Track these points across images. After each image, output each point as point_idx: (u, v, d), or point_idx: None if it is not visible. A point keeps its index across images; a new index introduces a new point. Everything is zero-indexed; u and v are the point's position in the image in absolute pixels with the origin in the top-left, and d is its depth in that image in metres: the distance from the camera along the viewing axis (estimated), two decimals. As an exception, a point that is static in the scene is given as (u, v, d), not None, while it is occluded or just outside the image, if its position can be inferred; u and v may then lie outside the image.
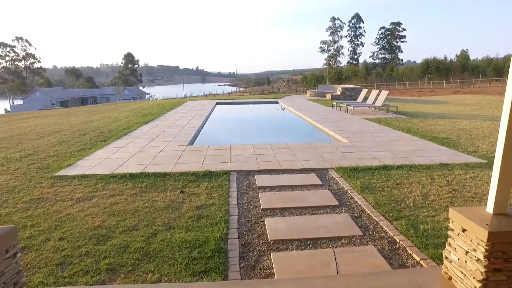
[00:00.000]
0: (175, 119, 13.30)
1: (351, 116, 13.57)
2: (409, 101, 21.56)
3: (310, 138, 10.37)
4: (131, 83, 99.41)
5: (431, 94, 36.45)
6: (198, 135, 10.23)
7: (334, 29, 78.13)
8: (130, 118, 13.74)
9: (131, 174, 6.01)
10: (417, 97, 30.70)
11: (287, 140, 9.23)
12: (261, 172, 6.18)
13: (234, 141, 9.80)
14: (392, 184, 5.37)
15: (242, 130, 12.45)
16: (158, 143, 8.63)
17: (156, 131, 10.43)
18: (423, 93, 38.63)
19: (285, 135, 11.41)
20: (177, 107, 18.13)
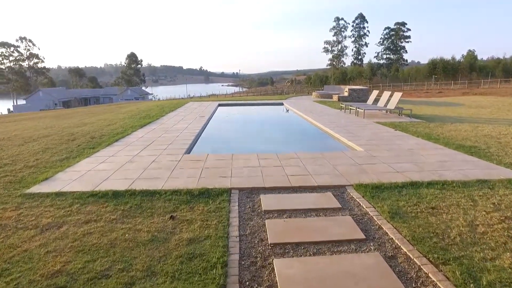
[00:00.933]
0: (174, 122, 12.37)
1: (361, 119, 12.59)
2: (418, 103, 20.50)
3: (320, 146, 9.41)
4: (134, 83, 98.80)
5: (439, 95, 35.36)
6: (197, 141, 9.29)
7: (338, 29, 77.01)
8: (126, 121, 12.84)
9: (114, 192, 5.08)
10: (425, 98, 29.64)
11: (295, 148, 8.28)
12: (268, 190, 5.23)
13: (236, 148, 8.89)
14: (426, 208, 4.40)
15: (245, 135, 11.46)
16: (152, 151, 7.71)
17: (151, 137, 9.51)
18: (431, 94, 37.52)
19: (292, 142, 10.36)
20: (177, 109, 17.21)
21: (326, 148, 8.80)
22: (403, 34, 77.20)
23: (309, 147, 9.39)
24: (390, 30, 77.58)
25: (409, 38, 77.56)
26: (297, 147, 9.15)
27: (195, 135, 9.62)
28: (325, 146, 9.18)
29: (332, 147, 8.78)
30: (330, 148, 8.68)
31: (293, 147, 9.14)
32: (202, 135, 10.35)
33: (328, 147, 8.95)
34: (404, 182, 5.38)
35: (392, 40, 77.64)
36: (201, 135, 10.23)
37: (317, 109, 15.99)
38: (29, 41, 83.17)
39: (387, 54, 78.53)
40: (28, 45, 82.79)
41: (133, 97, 73.46)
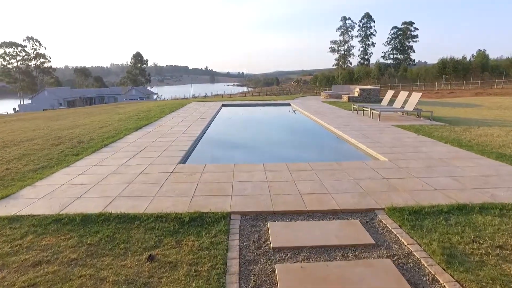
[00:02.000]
0: (172, 124, 11.31)
1: (377, 122, 11.42)
2: (432, 104, 19.22)
3: (335, 154, 8.27)
4: (139, 83, 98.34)
5: (451, 95, 33.91)
6: (195, 147, 8.19)
7: (345, 29, 75.59)
8: (121, 123, 11.80)
9: (84, 216, 4.00)
10: (436, 99, 28.29)
11: (307, 156, 7.20)
12: (277, 215, 4.12)
13: (239, 157, 7.79)
14: (492, 248, 3.26)
15: (250, 141, 10.23)
16: (142, 160, 6.63)
17: (144, 141, 8.45)
18: (442, 94, 36.08)
19: (303, 148, 9.11)
20: (178, 110, 16.16)
21: (342, 157, 7.68)
22: (410, 33, 75.58)
23: (323, 155, 8.24)
24: (398, 29, 75.99)
25: (416, 38, 75.91)
26: (309, 155, 8.04)
27: (193, 140, 8.53)
28: (341, 154, 8.04)
29: (350, 155, 7.65)
30: (347, 157, 7.56)
31: (305, 154, 8.04)
32: (202, 140, 9.25)
33: (345, 155, 7.82)
34: (449, 205, 4.23)
35: (400, 40, 76.05)
36: (201, 140, 9.13)
37: (327, 111, 14.82)
38: (36, 41, 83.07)
39: (394, 54, 76.94)
40: (35, 44, 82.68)
41: (138, 97, 72.78)
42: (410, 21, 75.76)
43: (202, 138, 9.43)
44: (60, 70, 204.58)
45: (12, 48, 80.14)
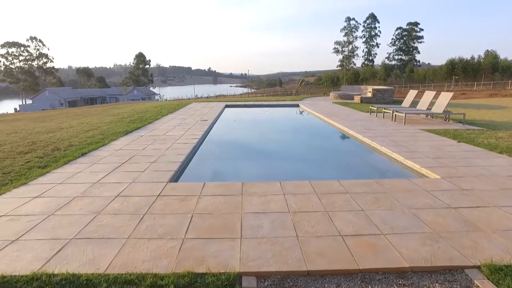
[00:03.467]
0: (168, 127, 9.79)
1: (403, 126, 9.87)
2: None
3: (367, 167, 6.65)
4: (142, 83, 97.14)
5: (463, 97, 32.26)
6: (192, 157, 6.64)
7: (349, 29, 74.01)
8: (112, 125, 10.30)
9: (8, 280, 2.49)
10: (450, 100, 26.56)
11: (333, 171, 5.69)
12: (314, 277, 2.59)
13: (248, 171, 6.25)
14: None
15: (259, 149, 8.50)
16: (123, 176, 5.12)
17: (132, 149, 6.93)
18: (454, 96, 34.36)
19: (325, 159, 7.37)
20: (177, 111, 14.66)
21: (378, 172, 6.12)
22: (415, 34, 73.94)
23: (353, 169, 6.57)
24: (403, 30, 74.37)
25: (421, 39, 74.32)
26: (335, 168, 6.48)
27: (191, 148, 6.99)
28: (375, 168, 6.44)
29: (387, 169, 6.09)
30: (383, 171, 6.01)
31: (329, 168, 6.49)
32: (201, 147, 7.69)
33: (380, 169, 6.25)
34: None
35: (405, 41, 74.42)
36: (200, 148, 7.59)
37: (341, 112, 13.27)
38: (39, 41, 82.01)
39: (399, 55, 75.33)
40: (38, 45, 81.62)
41: (140, 97, 71.49)
42: (415, 21, 74.18)
43: (201, 145, 7.88)
44: (63, 71, 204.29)
45: (15, 48, 79.05)
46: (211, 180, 5.19)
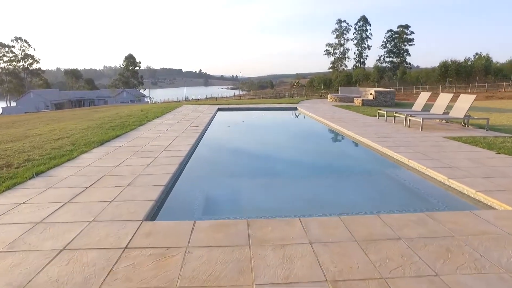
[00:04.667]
0: (153, 135, 8.35)
1: (420, 132, 8.65)
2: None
3: (400, 187, 5.25)
4: (132, 85, 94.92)
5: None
6: (178, 178, 5.19)
7: (341, 31, 73.45)
8: (88, 132, 8.81)
9: None
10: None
11: (361, 195, 4.35)
12: None
13: (251, 196, 4.83)
14: None
15: (262, 163, 6.86)
16: (81, 210, 3.68)
17: (104, 166, 5.49)
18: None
19: (345, 176, 5.90)
20: (164, 115, 13.20)
21: (419, 197, 4.74)
22: (406, 37, 73.81)
23: (385, 192, 5.07)
24: (393, 32, 74.20)
25: (412, 41, 74.18)
26: (362, 191, 5.09)
27: (178, 163, 5.58)
28: (413, 190, 5.00)
29: (429, 193, 4.73)
30: (427, 197, 4.66)
31: (355, 191, 5.10)
32: (191, 162, 6.22)
33: (421, 192, 4.86)
34: None
35: (395, 43, 74.21)
36: (189, 163, 6.14)
37: (346, 117, 12.01)
38: (24, 42, 79.22)
39: (390, 57, 75.09)
40: (23, 45, 78.87)
41: (129, 100, 69.45)
42: (406, 24, 74.02)
43: (191, 158, 6.45)
44: (51, 72, 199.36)
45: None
46: (203, 213, 3.84)
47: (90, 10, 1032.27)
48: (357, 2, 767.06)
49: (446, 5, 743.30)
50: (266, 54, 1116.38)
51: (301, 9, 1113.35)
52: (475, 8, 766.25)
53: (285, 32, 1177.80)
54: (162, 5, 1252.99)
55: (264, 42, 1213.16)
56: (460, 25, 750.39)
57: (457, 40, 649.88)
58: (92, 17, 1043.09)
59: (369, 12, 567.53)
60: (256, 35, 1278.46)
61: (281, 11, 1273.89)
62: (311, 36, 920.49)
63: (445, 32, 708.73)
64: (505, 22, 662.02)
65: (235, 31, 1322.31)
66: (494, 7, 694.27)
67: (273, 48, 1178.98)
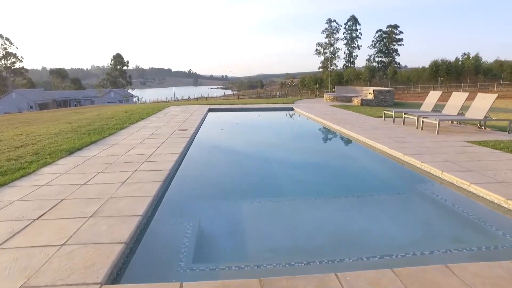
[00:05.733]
0: (134, 141, 7.14)
1: (435, 135, 7.69)
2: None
3: (448, 213, 4.07)
4: (120, 85, 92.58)
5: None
6: (160, 203, 3.99)
7: (331, 31, 72.87)
8: (58, 138, 7.53)
9: None
10: (440, 102, 25.21)
11: (407, 230, 3.27)
12: None
13: (259, 232, 3.60)
14: None
15: (268, 181, 5.38)
16: (15, 261, 2.49)
17: (66, 184, 4.28)
18: (442, 97, 33.15)
19: (370, 196, 4.65)
20: (150, 116, 11.94)
21: (484, 230, 3.65)
22: (395, 37, 73.75)
23: (434, 222, 3.84)
24: (383, 32, 74.04)
25: (401, 41, 74.19)
26: (408, 221, 3.93)
27: (160, 181, 4.40)
28: (470, 219, 3.89)
29: (490, 222, 3.68)
30: (491, 228, 3.60)
31: (398, 221, 3.94)
32: (177, 178, 4.98)
33: (480, 220, 3.77)
34: None
35: (385, 43, 74.08)
36: (175, 179, 4.95)
37: (349, 118, 10.99)
38: (6, 39, 76.17)
39: (380, 57, 74.94)
40: (4, 43, 75.86)
41: (117, 100, 67.43)
42: (395, 24, 73.97)
43: (178, 173, 5.25)
44: (37, 72, 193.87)
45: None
46: (193, 264, 2.68)
47: (78, 8, 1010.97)
48: (347, 2, 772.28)
49: (431, 5, 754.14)
50: (256, 53, 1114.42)
51: (291, 8, 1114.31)
52: (461, 9, 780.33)
53: (275, 32, 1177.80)
54: (151, 4, 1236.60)
55: (254, 42, 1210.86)
56: (446, 26, 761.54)
57: (443, 41, 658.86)
58: (79, 15, 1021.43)
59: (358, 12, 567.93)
60: (246, 35, 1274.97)
61: (271, 11, 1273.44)
62: (301, 35, 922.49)
63: (430, 32, 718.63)
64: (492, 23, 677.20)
65: (225, 31, 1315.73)
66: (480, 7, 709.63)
67: (262, 48, 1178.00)
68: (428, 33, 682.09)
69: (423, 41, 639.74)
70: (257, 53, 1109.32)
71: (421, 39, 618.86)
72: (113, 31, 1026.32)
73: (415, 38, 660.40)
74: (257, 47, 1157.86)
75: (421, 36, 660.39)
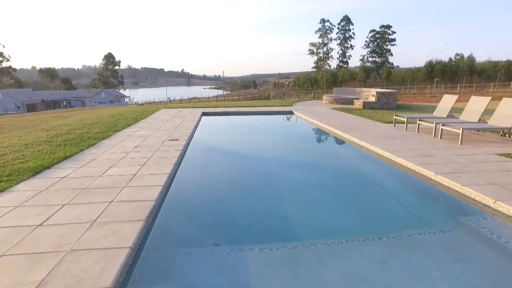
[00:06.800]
0: (116, 156, 6.06)
1: (458, 146, 6.79)
2: (457, 111, 15.01)
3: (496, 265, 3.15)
4: (111, 85, 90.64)
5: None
6: (139, 254, 2.91)
7: (324, 31, 72.22)
8: (27, 151, 6.40)
9: None
10: (438, 103, 24.57)
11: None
12: None
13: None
14: None
15: (279, 214, 4.19)
16: None
17: (13, 227, 3.20)
18: (439, 98, 32.57)
19: (405, 235, 3.55)
20: (139, 121, 10.84)
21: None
22: (388, 37, 73.42)
23: (485, 275, 2.94)
24: (376, 32, 73.66)
25: (394, 41, 73.90)
26: (444, 272, 2.99)
27: (143, 220, 3.35)
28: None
29: None
30: None
31: (431, 271, 2.97)
32: (164, 212, 3.89)
33: None
34: None
35: (378, 43, 73.68)
36: (161, 211, 3.88)
37: (355, 124, 10.04)
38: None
39: (373, 57, 74.54)
40: (-10, 42, 73.38)
41: (108, 100, 65.70)
42: (388, 24, 73.63)
43: (166, 202, 4.18)
44: (26, 71, 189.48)
45: (-39, 45, 70.63)
46: None
47: (70, 7, 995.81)
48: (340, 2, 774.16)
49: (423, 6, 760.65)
50: (249, 53, 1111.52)
51: (284, 8, 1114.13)
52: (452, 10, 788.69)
53: (268, 32, 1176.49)
54: (144, 3, 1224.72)
55: (247, 42, 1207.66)
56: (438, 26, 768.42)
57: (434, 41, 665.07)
58: (71, 14, 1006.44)
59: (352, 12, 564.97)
60: (239, 34, 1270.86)
61: (264, 11, 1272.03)
62: (294, 35, 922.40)
63: (421, 33, 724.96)
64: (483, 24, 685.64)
65: (218, 30, 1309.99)
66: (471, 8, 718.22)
67: (255, 48, 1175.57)
68: (418, 33, 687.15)
69: (413, 41, 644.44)
70: (250, 52, 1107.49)
71: (412, 40, 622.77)
72: (105, 30, 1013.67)
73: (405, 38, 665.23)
74: (250, 47, 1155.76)
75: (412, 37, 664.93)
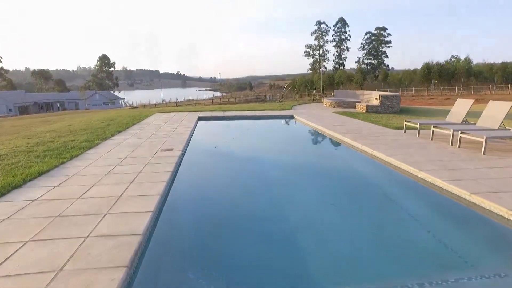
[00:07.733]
0: (100, 171, 5.27)
1: (482, 156, 6.13)
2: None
3: None
4: (106, 87, 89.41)
5: (448, 102, 30.17)
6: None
7: (320, 33, 71.73)
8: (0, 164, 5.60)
9: None
10: (438, 106, 24.25)
11: None
12: None
13: None
14: None
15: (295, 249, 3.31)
16: None
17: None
18: (438, 100, 32.27)
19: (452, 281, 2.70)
20: (130, 127, 10.04)
21: None
22: (383, 39, 73.27)
23: None
24: (371, 34, 73.47)
25: (390, 43, 73.77)
26: None
27: (125, 265, 2.59)
28: None
29: None
30: None
31: None
32: (151, 250, 3.10)
33: None
34: None
35: (374, 45, 73.49)
36: (148, 249, 3.08)
37: (362, 130, 9.35)
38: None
39: (369, 59, 74.30)
40: (-17, 44, 71.92)
41: (102, 102, 64.60)
42: (383, 26, 73.50)
43: (154, 232, 3.40)
44: (19, 73, 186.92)
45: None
46: None
47: (64, 8, 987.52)
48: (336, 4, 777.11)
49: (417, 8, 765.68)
50: (245, 55, 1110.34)
51: (280, 10, 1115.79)
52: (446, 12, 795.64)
53: (264, 34, 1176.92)
54: (139, 4, 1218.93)
55: (243, 44, 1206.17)
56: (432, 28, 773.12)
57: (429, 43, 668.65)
58: (65, 15, 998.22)
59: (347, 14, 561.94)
60: (236, 37, 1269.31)
61: (260, 13, 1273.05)
62: (290, 37, 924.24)
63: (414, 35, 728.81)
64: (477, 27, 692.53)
65: (214, 32, 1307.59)
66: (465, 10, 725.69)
67: (251, 50, 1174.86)
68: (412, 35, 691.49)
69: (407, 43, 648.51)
70: (246, 54, 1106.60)
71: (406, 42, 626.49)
72: (100, 32, 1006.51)
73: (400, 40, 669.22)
74: (246, 49, 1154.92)
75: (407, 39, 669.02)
